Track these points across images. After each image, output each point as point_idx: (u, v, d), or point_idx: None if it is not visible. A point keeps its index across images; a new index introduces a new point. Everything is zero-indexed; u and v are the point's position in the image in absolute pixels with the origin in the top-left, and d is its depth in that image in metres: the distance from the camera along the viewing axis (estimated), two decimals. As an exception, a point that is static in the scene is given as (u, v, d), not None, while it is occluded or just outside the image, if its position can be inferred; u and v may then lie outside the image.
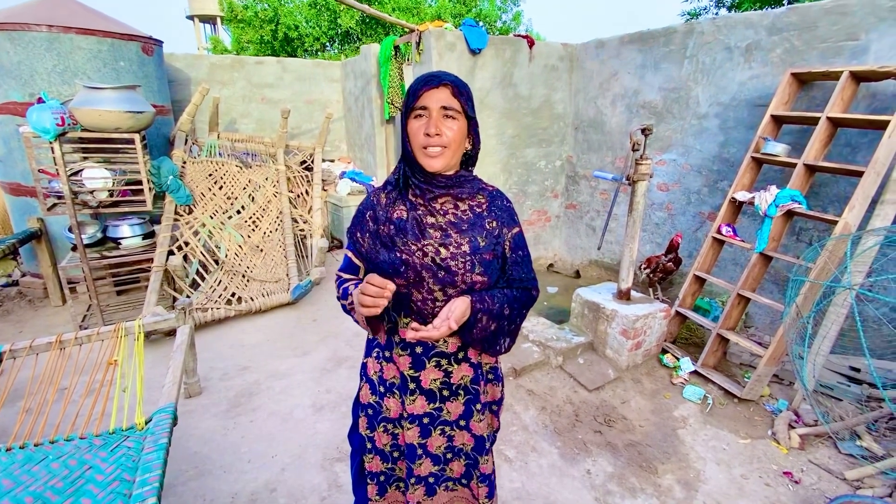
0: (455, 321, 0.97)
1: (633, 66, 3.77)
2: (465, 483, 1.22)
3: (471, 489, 1.22)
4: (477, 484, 1.21)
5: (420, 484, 1.17)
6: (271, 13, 11.61)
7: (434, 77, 0.99)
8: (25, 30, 3.05)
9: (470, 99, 1.03)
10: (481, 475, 1.20)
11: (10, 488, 1.37)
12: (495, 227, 1.10)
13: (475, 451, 1.18)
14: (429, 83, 0.99)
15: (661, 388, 2.64)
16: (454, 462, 1.19)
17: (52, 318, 3.48)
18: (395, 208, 1.08)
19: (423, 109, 0.99)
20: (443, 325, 0.96)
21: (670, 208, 3.68)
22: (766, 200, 2.54)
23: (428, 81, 0.99)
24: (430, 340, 1.01)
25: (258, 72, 5.18)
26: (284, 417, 2.36)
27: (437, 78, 0.99)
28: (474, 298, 1.03)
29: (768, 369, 2.48)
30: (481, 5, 14.10)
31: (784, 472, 2.05)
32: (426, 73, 1.01)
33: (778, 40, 2.87)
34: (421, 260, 1.04)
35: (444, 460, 1.18)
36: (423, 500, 1.18)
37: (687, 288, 2.93)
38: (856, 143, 2.60)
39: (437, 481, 1.18)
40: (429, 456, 1.16)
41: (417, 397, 1.13)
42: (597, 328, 2.83)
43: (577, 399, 2.53)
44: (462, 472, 1.20)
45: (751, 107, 3.06)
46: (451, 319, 0.97)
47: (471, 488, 1.22)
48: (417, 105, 1.00)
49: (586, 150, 4.36)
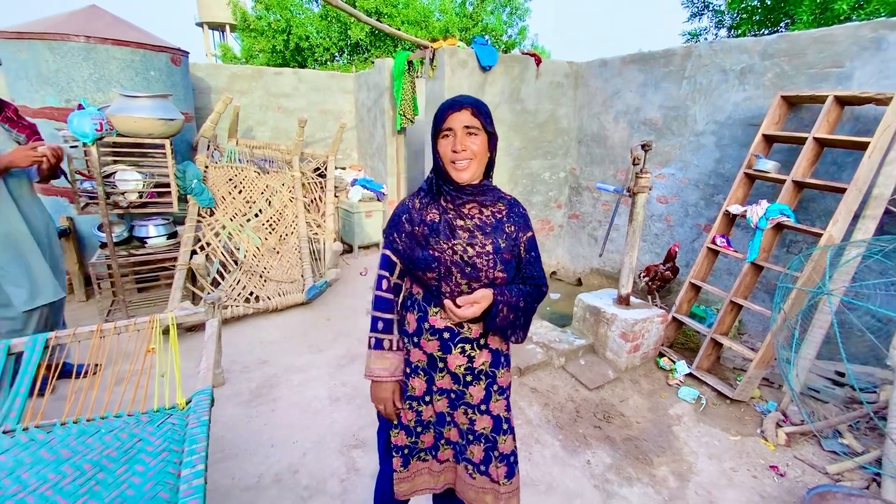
0: (482, 304, 1.17)
1: (635, 85, 3.97)
2: (483, 470, 1.33)
3: (489, 475, 1.33)
4: (496, 465, 1.32)
5: (449, 446, 1.33)
6: (284, 24, 11.93)
7: (456, 102, 1.19)
8: (65, 40, 3.26)
9: (488, 116, 1.22)
10: (500, 455, 1.32)
11: (68, 457, 1.53)
12: (513, 231, 1.28)
13: (493, 431, 1.33)
14: (452, 108, 1.18)
15: (658, 388, 2.80)
16: (474, 445, 1.32)
17: (76, 312, 3.63)
18: (428, 212, 1.26)
19: (449, 130, 1.19)
20: (469, 308, 1.17)
21: (669, 220, 3.86)
22: (758, 214, 2.72)
23: (451, 106, 1.18)
24: (459, 318, 1.19)
25: (275, 82, 5.40)
26: (303, 408, 2.51)
27: (458, 103, 1.18)
28: (496, 291, 1.21)
29: (758, 372, 2.64)
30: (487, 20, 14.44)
31: (770, 465, 2.20)
32: (449, 99, 1.21)
33: (770, 65, 3.07)
34: (451, 257, 1.21)
35: (466, 438, 1.33)
36: (449, 463, 1.34)
37: (683, 295, 3.10)
38: (841, 161, 2.79)
39: (462, 452, 1.34)
40: (455, 426, 1.33)
41: (445, 375, 1.30)
42: (597, 331, 2.99)
43: (578, 397, 2.69)
44: (481, 458, 1.32)
45: (744, 126, 3.25)
46: (478, 304, 1.17)
47: (489, 474, 1.33)
48: (444, 127, 1.19)
49: (589, 163, 4.56)
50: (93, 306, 3.65)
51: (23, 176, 2.32)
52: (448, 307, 1.18)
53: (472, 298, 1.18)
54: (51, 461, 1.47)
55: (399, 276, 1.36)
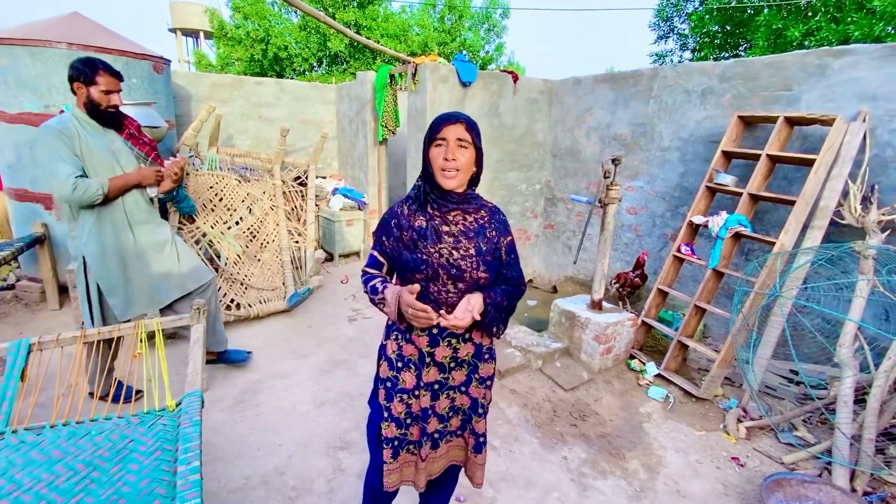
0: (477, 313, 1.29)
1: (606, 103, 4.20)
2: (459, 434, 1.50)
3: (464, 438, 1.51)
4: (469, 434, 1.49)
5: (428, 440, 1.43)
6: (262, 33, 11.93)
7: (453, 116, 1.31)
8: (46, 46, 3.24)
9: (478, 133, 1.34)
10: (472, 430, 1.48)
11: (60, 458, 1.55)
12: (494, 236, 1.40)
13: (471, 409, 1.47)
14: (449, 120, 1.30)
15: (629, 388, 2.95)
16: (454, 418, 1.47)
17: (49, 321, 3.56)
18: (415, 218, 1.37)
19: (443, 140, 1.30)
20: (466, 315, 1.27)
21: (638, 230, 4.07)
22: (718, 224, 2.93)
23: (448, 119, 1.30)
24: (459, 328, 1.29)
25: (257, 91, 5.43)
26: (288, 412, 2.55)
27: (455, 117, 1.30)
28: (485, 295, 1.33)
29: (720, 371, 2.82)
30: (465, 35, 14.78)
31: (732, 457, 2.37)
32: (445, 112, 1.33)
33: (728, 87, 3.33)
34: (437, 260, 1.32)
35: (446, 418, 1.45)
36: (429, 454, 1.44)
37: (652, 300, 3.28)
38: (791, 176, 3.04)
39: (441, 437, 1.45)
40: (436, 416, 1.43)
41: (431, 368, 1.40)
42: (572, 335, 3.14)
43: (555, 397, 2.81)
44: (458, 426, 1.48)
45: (705, 143, 3.49)
46: (473, 312, 1.28)
47: (464, 438, 1.51)
48: (438, 136, 1.30)
49: (563, 176, 4.76)
50: (67, 315, 3.58)
51: (142, 192, 2.38)
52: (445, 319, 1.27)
53: (467, 305, 1.29)
54: (43, 462, 1.48)
55: (387, 273, 1.46)
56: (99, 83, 2.09)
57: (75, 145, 2.08)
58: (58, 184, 2.03)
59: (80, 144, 2.09)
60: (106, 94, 2.12)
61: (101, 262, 2.26)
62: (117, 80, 2.17)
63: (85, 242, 2.22)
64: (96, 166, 2.16)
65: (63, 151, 2.04)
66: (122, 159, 2.28)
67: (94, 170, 2.15)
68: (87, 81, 2.09)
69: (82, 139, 2.11)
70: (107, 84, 2.12)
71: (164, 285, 2.49)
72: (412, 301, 1.24)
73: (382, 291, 1.35)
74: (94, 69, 2.08)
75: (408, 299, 1.25)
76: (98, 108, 2.13)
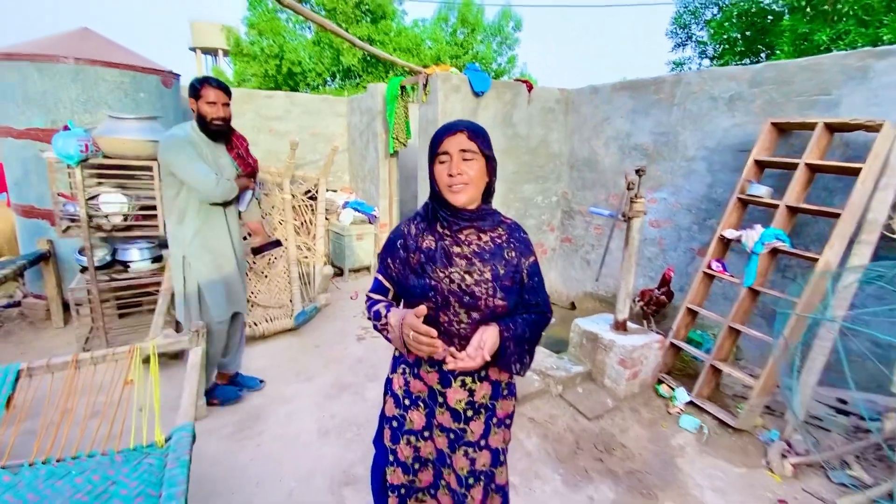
0: (488, 352, 1.09)
1: (625, 111, 4.03)
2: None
3: None
4: (492, 497, 1.29)
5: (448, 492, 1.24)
6: (276, 49, 12.07)
7: (452, 126, 1.15)
8: (54, 61, 3.21)
9: (486, 140, 1.18)
10: (496, 486, 1.28)
11: (35, 502, 1.40)
12: (514, 257, 1.22)
13: (492, 465, 1.27)
14: (448, 131, 1.14)
15: (659, 417, 2.72)
16: (474, 488, 1.25)
17: (53, 339, 3.48)
18: (423, 238, 1.21)
19: (445, 154, 1.14)
20: (477, 355, 1.08)
21: (662, 244, 3.86)
22: (752, 238, 2.71)
23: (447, 130, 1.14)
24: (469, 369, 1.10)
25: (267, 105, 5.39)
26: (290, 441, 2.39)
27: (454, 127, 1.14)
28: (502, 327, 1.14)
29: (760, 400, 2.58)
30: (478, 48, 14.79)
31: (779, 500, 2.12)
32: (445, 123, 1.17)
33: (758, 92, 3.13)
34: (448, 286, 1.15)
35: (465, 484, 1.25)
36: None
37: (680, 320, 3.06)
38: (833, 187, 2.81)
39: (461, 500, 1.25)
40: (454, 472, 1.24)
41: (445, 411, 1.22)
42: (595, 358, 2.92)
43: (578, 427, 2.60)
44: (480, 500, 1.26)
45: (735, 152, 3.29)
46: (484, 350, 1.08)
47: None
48: (440, 151, 1.14)
49: (581, 188, 4.57)
50: (70, 333, 3.49)
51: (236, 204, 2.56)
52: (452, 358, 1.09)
53: (479, 342, 1.11)
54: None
55: (393, 299, 1.30)
56: (204, 96, 2.20)
57: (199, 152, 2.26)
58: (200, 179, 2.21)
59: (200, 153, 2.26)
60: (210, 105, 2.21)
61: (203, 262, 2.41)
62: (222, 92, 2.24)
63: (189, 243, 2.37)
64: None
65: (194, 154, 2.22)
66: (226, 174, 2.37)
67: None
68: (195, 96, 2.21)
69: (200, 148, 2.26)
70: (211, 97, 2.21)
71: (242, 293, 2.69)
72: (414, 322, 1.05)
73: (386, 316, 1.18)
74: (200, 83, 2.21)
75: (411, 321, 1.06)
76: (205, 121, 2.24)
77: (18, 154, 3.37)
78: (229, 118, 2.31)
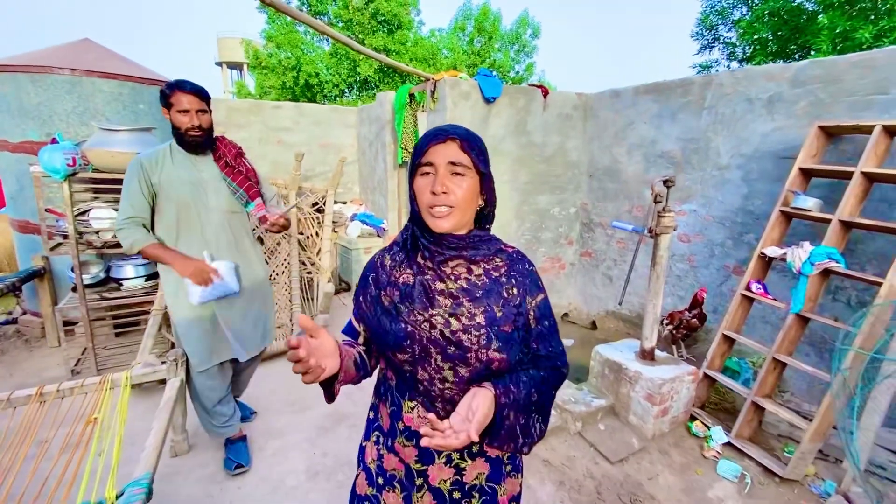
0: (476, 429, 0.79)
1: (649, 116, 3.72)
2: None
3: None
4: None
5: None
6: (294, 61, 12.14)
7: (441, 132, 0.89)
8: (48, 73, 3.11)
9: (482, 153, 0.92)
10: None
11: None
12: (515, 295, 0.95)
13: None
14: (435, 138, 0.89)
15: (692, 461, 2.38)
16: None
17: (46, 359, 3.35)
18: (401, 271, 0.96)
19: (430, 166, 0.89)
20: (462, 430, 0.79)
21: (692, 260, 3.52)
22: (800, 258, 2.38)
23: (435, 136, 0.89)
24: (447, 448, 0.80)
25: (275, 116, 5.27)
26: (275, 486, 2.15)
27: (444, 133, 0.89)
28: (498, 391, 0.86)
29: (813, 446, 2.22)
30: (495, 56, 14.62)
31: (843, 573, 1.77)
32: (434, 128, 0.91)
33: (801, 93, 2.80)
34: (428, 332, 0.89)
35: None
36: None
37: (716, 348, 2.72)
38: (892, 198, 2.46)
39: None
40: None
41: (425, 494, 0.95)
42: (618, 391, 2.61)
43: (599, 472, 2.28)
44: None
45: (775, 159, 2.95)
46: (472, 428, 0.79)
47: None
48: (423, 161, 0.89)
49: (602, 198, 4.27)
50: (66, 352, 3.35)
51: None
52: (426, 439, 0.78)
53: (467, 410, 0.83)
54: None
55: (364, 345, 1.04)
56: (175, 104, 1.82)
57: (154, 175, 1.88)
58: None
59: (160, 174, 1.89)
60: (183, 114, 1.83)
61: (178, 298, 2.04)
62: (195, 97, 1.84)
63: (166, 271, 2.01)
64: (173, 198, 1.92)
65: (133, 186, 1.86)
66: (210, 191, 1.97)
67: (169, 202, 1.92)
68: (166, 104, 1.85)
69: (165, 169, 1.90)
70: (183, 104, 1.82)
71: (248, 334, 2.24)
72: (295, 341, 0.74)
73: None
74: (170, 89, 1.82)
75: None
76: (180, 133, 1.87)
77: (14, 168, 3.28)
78: (209, 126, 1.92)
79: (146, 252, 1.92)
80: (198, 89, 1.86)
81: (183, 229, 1.97)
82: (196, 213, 1.96)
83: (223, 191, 2.01)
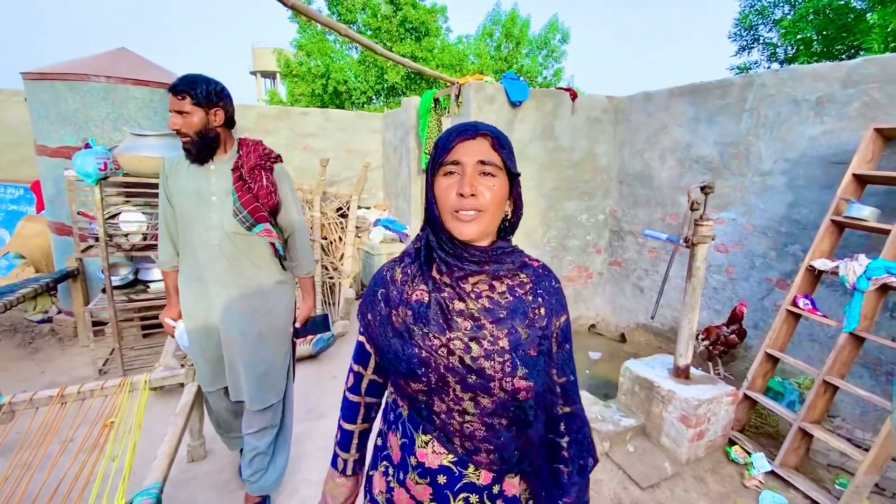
0: None
1: (685, 119, 3.55)
2: None
3: None
4: None
5: None
6: (323, 69, 12.36)
7: (470, 127, 0.80)
8: (85, 80, 3.21)
9: (512, 153, 0.83)
10: None
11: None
12: (542, 316, 0.85)
13: None
14: (463, 133, 0.79)
15: (731, 490, 2.20)
16: None
17: (77, 358, 3.43)
18: (414, 288, 0.86)
19: (456, 165, 0.79)
20: None
21: (731, 272, 3.31)
22: (855, 271, 2.18)
23: (463, 132, 0.80)
24: None
25: (302, 122, 5.33)
26: (287, 497, 2.10)
27: (473, 128, 0.80)
28: None
29: (868, 479, 2.01)
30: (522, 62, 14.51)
31: None
32: (459, 123, 0.82)
33: (854, 93, 2.59)
34: (445, 359, 0.80)
35: None
36: None
37: (757, 367, 2.52)
38: (962, 208, 2.23)
39: None
40: None
41: None
42: (650, 410, 2.45)
43: (628, 499, 2.13)
44: None
45: (825, 164, 2.74)
46: None
47: None
48: (448, 160, 0.80)
49: (633, 205, 4.10)
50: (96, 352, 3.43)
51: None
52: None
53: None
54: None
55: (377, 371, 0.96)
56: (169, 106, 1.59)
57: (170, 181, 1.72)
58: None
59: (174, 181, 1.71)
60: (171, 116, 1.58)
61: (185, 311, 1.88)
62: (174, 96, 1.55)
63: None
64: (179, 210, 1.72)
65: (161, 191, 1.75)
66: (213, 206, 1.67)
67: (181, 213, 1.72)
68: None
69: (179, 177, 1.70)
70: (169, 104, 1.57)
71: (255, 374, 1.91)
72: None
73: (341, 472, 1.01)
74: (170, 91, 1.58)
75: None
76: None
77: (52, 172, 3.40)
78: (197, 131, 1.58)
79: (162, 274, 1.90)
80: (183, 85, 1.54)
81: (183, 248, 1.78)
82: (195, 230, 1.70)
83: (225, 206, 1.67)
